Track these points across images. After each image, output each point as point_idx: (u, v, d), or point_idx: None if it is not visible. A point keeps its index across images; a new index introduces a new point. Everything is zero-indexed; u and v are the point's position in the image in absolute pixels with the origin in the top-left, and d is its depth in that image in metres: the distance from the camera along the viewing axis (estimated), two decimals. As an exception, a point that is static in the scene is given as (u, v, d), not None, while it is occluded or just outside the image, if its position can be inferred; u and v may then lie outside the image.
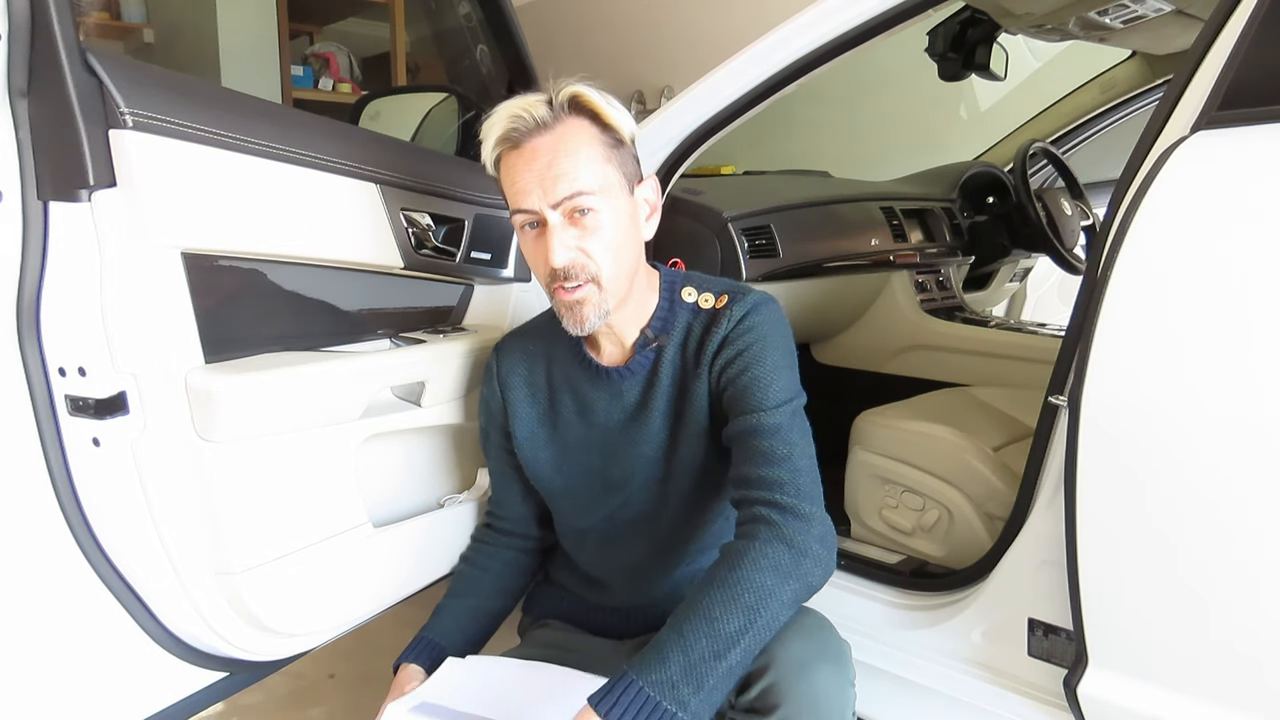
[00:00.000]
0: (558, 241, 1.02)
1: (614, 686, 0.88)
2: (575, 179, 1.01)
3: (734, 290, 1.13)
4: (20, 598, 1.00)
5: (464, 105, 1.72)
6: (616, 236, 1.05)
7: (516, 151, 1.03)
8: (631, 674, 0.88)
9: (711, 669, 0.88)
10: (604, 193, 1.03)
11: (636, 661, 0.89)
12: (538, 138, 1.02)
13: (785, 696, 0.94)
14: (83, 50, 0.93)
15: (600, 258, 1.04)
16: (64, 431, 1.00)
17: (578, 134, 1.03)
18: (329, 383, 1.17)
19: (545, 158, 1.01)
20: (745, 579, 0.92)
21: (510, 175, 1.04)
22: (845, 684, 0.98)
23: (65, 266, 0.96)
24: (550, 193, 1.01)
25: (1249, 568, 0.97)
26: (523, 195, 1.03)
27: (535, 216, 1.03)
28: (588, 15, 3.64)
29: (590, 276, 1.04)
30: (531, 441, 1.21)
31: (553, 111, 1.02)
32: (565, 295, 1.05)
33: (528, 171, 1.02)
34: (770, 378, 1.06)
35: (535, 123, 1.02)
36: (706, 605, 0.91)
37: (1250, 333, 0.94)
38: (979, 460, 1.52)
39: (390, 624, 1.43)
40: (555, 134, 1.02)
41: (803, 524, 0.96)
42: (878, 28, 1.31)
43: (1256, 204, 0.94)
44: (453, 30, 1.71)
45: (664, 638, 0.90)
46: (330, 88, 3.65)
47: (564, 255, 1.02)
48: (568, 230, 1.03)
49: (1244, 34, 0.96)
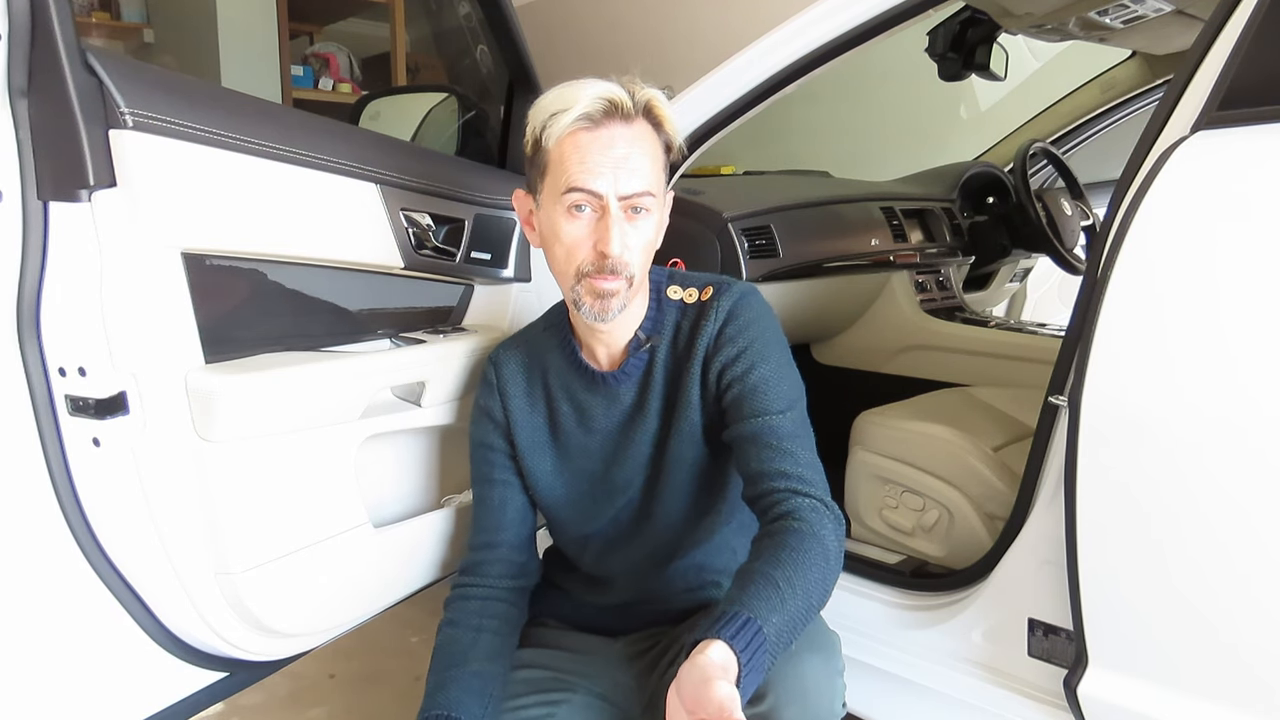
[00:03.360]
0: (618, 231, 1.03)
1: (745, 627, 0.84)
2: (646, 178, 1.03)
3: (716, 283, 1.15)
4: (20, 598, 1.00)
5: (464, 105, 1.72)
6: (655, 240, 1.08)
7: (592, 133, 1.03)
8: (757, 620, 0.85)
9: (796, 634, 0.90)
10: (659, 196, 1.07)
11: (749, 600, 0.87)
12: (619, 126, 1.03)
13: (774, 686, 0.94)
14: (83, 50, 0.93)
15: (638, 258, 1.06)
16: (64, 431, 1.00)
17: (650, 139, 1.05)
18: (329, 383, 1.17)
19: (623, 149, 1.02)
20: (821, 561, 0.94)
21: (579, 154, 1.03)
22: (834, 674, 0.98)
23: (65, 266, 0.96)
24: (623, 184, 1.02)
25: (1249, 567, 0.97)
26: (592, 176, 1.02)
27: (597, 200, 1.03)
28: (588, 15, 3.63)
29: (629, 274, 1.05)
30: (533, 450, 1.21)
31: (635, 107, 1.04)
32: (601, 283, 1.04)
33: (603, 155, 1.02)
34: (776, 377, 1.07)
35: (621, 111, 1.03)
36: (814, 575, 0.92)
37: (1250, 332, 0.94)
38: (979, 460, 1.52)
39: (390, 624, 1.43)
40: (634, 129, 1.04)
41: (836, 524, 0.99)
42: (878, 28, 1.32)
43: (1256, 204, 0.94)
44: (453, 30, 1.71)
45: (780, 588, 0.89)
46: (330, 88, 3.65)
47: (620, 245, 1.03)
48: (624, 224, 1.04)
49: (1244, 34, 0.97)
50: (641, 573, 1.22)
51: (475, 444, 1.24)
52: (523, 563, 1.23)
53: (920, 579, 1.44)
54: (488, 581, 1.20)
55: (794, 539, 0.95)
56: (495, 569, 1.21)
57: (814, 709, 0.95)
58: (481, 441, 1.23)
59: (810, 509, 0.98)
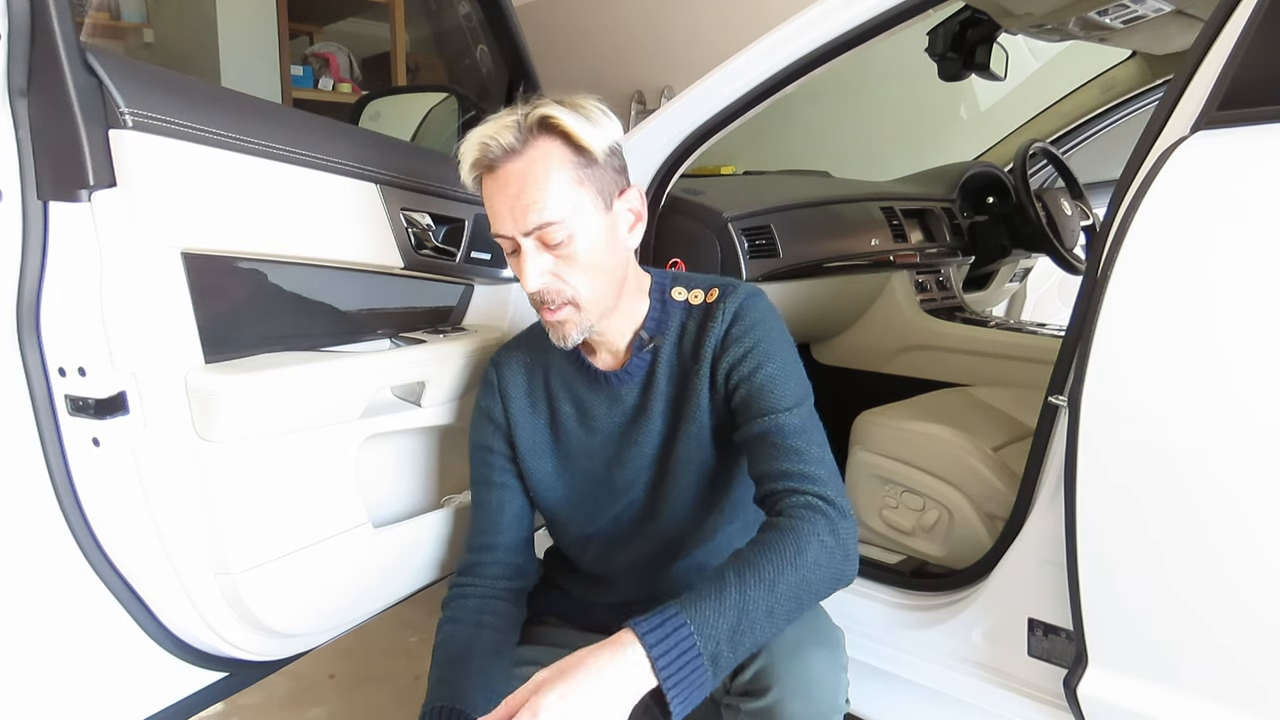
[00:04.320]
0: (531, 268, 1.03)
1: (663, 618, 0.84)
2: (543, 208, 1.01)
3: (721, 284, 1.14)
4: (20, 598, 1.00)
5: (464, 105, 1.72)
6: (592, 257, 1.05)
7: (491, 176, 1.03)
8: (683, 614, 0.85)
9: (750, 638, 0.87)
10: (575, 216, 1.03)
11: (689, 601, 0.86)
12: (508, 164, 1.02)
13: (778, 679, 0.94)
14: (83, 50, 0.93)
15: (575, 281, 1.05)
16: (64, 431, 1.00)
17: (546, 160, 1.01)
18: (329, 383, 1.17)
19: (515, 185, 1.01)
20: (804, 558, 0.92)
21: (487, 200, 1.05)
22: (838, 668, 0.98)
23: (65, 266, 0.96)
24: (521, 221, 1.02)
25: (1249, 567, 0.97)
26: (497, 221, 1.04)
27: (511, 242, 1.05)
28: (588, 15, 3.63)
29: (567, 299, 1.05)
30: (534, 452, 1.21)
31: (521, 135, 1.01)
32: (547, 315, 1.07)
33: (501, 198, 1.02)
34: (784, 375, 1.07)
35: (503, 149, 1.01)
36: (769, 571, 0.89)
37: (1249, 332, 0.94)
38: (979, 460, 1.52)
39: (390, 624, 1.43)
40: (525, 159, 1.01)
41: (846, 522, 0.98)
42: (878, 28, 1.31)
43: (1256, 204, 0.94)
44: (453, 30, 1.71)
45: (724, 586, 0.88)
46: (330, 88, 3.65)
47: (537, 280, 1.03)
48: (542, 256, 1.03)
49: (1244, 34, 0.96)
50: (643, 572, 1.22)
51: (475, 446, 1.24)
52: (520, 565, 1.23)
53: (920, 579, 1.44)
54: (485, 582, 1.21)
55: (766, 534, 0.95)
56: (493, 570, 1.21)
57: (818, 703, 0.95)
58: (481, 444, 1.23)
59: (801, 505, 0.97)
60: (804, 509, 0.97)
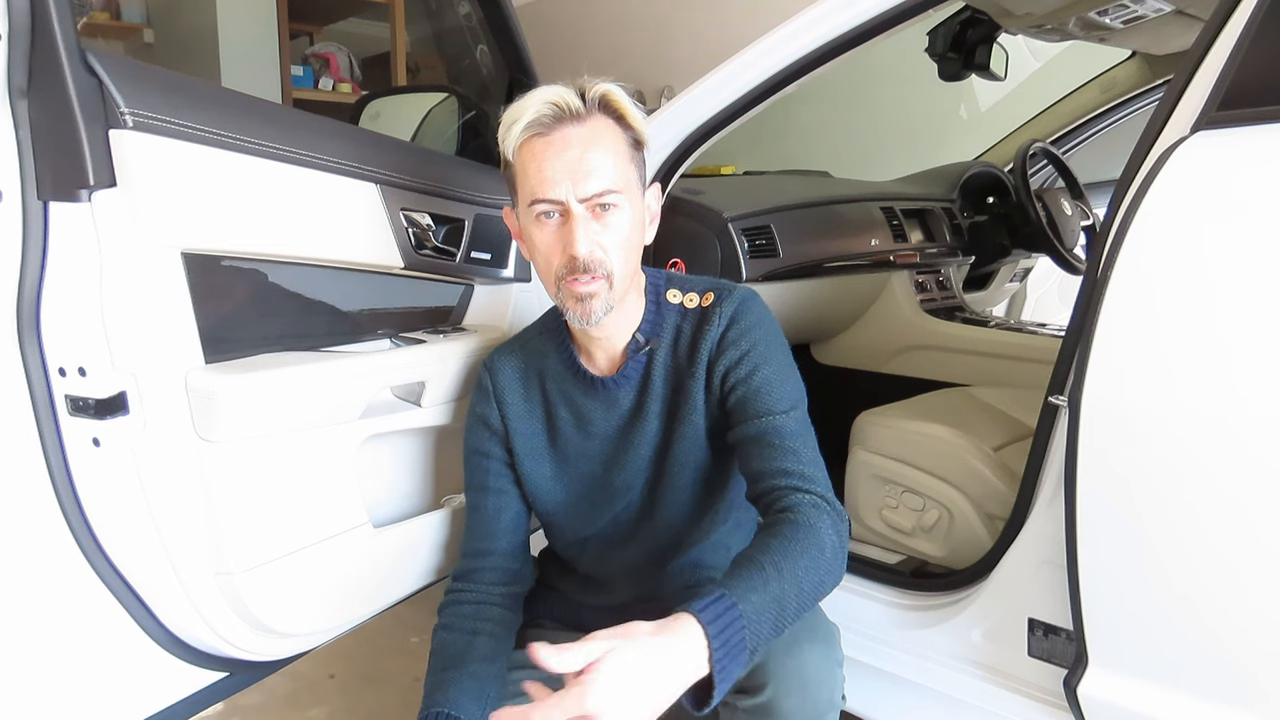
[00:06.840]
0: (583, 232, 1.02)
1: (722, 608, 0.84)
2: (605, 176, 1.02)
3: (717, 287, 1.15)
4: (20, 598, 1.00)
5: (464, 105, 1.72)
6: (631, 236, 1.06)
7: (545, 139, 1.02)
8: (738, 607, 0.85)
9: (784, 619, 0.88)
10: (626, 192, 1.04)
11: (739, 591, 0.86)
12: (570, 128, 1.02)
13: (774, 675, 0.94)
14: (83, 50, 0.93)
15: (615, 255, 1.04)
16: (64, 431, 1.00)
17: (610, 132, 1.04)
18: (329, 383, 1.17)
19: (577, 150, 1.01)
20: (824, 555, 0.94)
21: (535, 162, 1.03)
22: (834, 664, 0.99)
23: (65, 266, 0.96)
24: (581, 186, 1.01)
25: (1249, 567, 0.97)
26: (549, 184, 1.02)
27: (559, 206, 1.03)
28: (588, 15, 3.64)
29: (605, 272, 1.04)
30: (532, 456, 1.21)
31: (585, 105, 1.03)
32: (578, 287, 1.04)
33: (557, 160, 1.01)
34: (779, 378, 1.08)
35: (570, 113, 1.02)
36: (804, 566, 0.91)
37: (1249, 333, 0.94)
38: (979, 460, 1.52)
39: (390, 624, 1.43)
40: (588, 127, 1.02)
41: (844, 525, 1.00)
42: (877, 28, 1.31)
43: (1256, 204, 0.94)
44: (453, 30, 1.71)
45: (765, 570, 0.89)
46: (330, 88, 3.65)
47: (587, 246, 1.02)
48: (591, 224, 1.03)
49: (1244, 34, 0.96)
50: (640, 573, 1.22)
51: (470, 451, 1.23)
52: (516, 569, 1.23)
53: (920, 579, 1.44)
54: (481, 588, 1.20)
55: (788, 529, 0.95)
56: (489, 575, 1.21)
57: (814, 699, 0.96)
58: (477, 449, 1.22)
59: (810, 504, 0.99)
60: (811, 508, 0.98)
